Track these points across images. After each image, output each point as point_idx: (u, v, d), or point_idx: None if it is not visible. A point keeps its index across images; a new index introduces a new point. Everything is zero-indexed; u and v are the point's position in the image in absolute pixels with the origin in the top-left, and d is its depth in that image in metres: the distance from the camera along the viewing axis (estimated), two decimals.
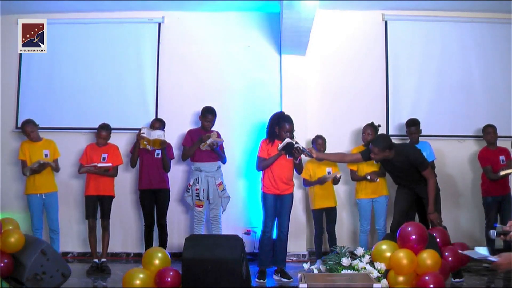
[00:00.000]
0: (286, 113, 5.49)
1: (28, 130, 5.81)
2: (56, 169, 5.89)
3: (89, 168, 5.76)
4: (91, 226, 5.83)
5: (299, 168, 5.50)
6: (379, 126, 5.96)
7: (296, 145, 5.18)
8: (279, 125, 5.31)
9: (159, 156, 5.95)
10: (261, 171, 5.44)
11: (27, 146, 5.85)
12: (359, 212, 5.98)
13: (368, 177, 5.74)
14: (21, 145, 5.93)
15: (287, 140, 5.17)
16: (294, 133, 5.43)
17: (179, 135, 6.37)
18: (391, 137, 6.50)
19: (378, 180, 5.77)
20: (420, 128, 6.03)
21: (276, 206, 5.35)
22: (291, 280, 5.22)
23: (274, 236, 5.45)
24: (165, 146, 5.89)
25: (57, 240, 5.81)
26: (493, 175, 5.81)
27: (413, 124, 6.02)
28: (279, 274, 5.32)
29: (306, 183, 5.94)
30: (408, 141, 6.12)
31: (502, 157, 5.94)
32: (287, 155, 5.28)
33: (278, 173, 5.31)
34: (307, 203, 6.39)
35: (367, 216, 5.87)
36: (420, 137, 6.05)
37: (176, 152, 6.25)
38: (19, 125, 6.56)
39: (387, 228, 5.85)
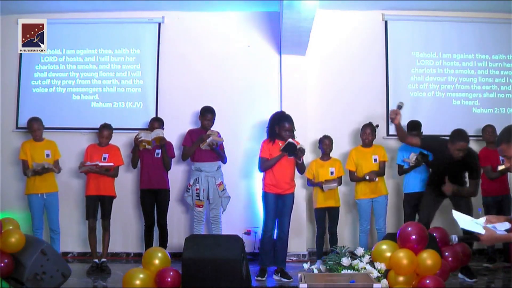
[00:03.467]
0: (287, 112, 5.52)
1: (35, 126, 5.83)
2: (57, 171, 5.89)
3: (90, 167, 5.76)
4: (91, 227, 5.82)
5: (301, 168, 5.51)
6: (377, 126, 5.98)
7: (299, 146, 5.20)
8: (279, 124, 5.35)
9: (159, 156, 5.95)
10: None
11: (29, 146, 5.85)
12: (358, 212, 5.98)
13: (367, 177, 5.75)
14: (22, 145, 5.93)
15: (289, 140, 5.19)
16: (295, 133, 5.45)
17: (179, 135, 6.38)
18: (391, 137, 6.56)
19: (377, 179, 5.77)
20: (421, 131, 6.03)
21: (278, 206, 5.36)
22: (291, 280, 5.22)
23: (275, 236, 5.46)
24: (164, 143, 5.89)
25: (57, 240, 5.81)
26: (493, 174, 5.81)
27: (414, 128, 6.01)
28: (279, 274, 5.32)
29: (310, 183, 5.96)
30: None
31: (502, 157, 5.93)
32: (288, 155, 5.29)
33: (279, 173, 5.32)
34: (308, 203, 6.39)
35: (366, 216, 5.87)
36: None
37: (176, 152, 6.24)
38: (19, 125, 6.61)
39: (387, 228, 5.85)
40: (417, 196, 5.83)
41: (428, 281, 3.81)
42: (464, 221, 2.91)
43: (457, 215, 2.95)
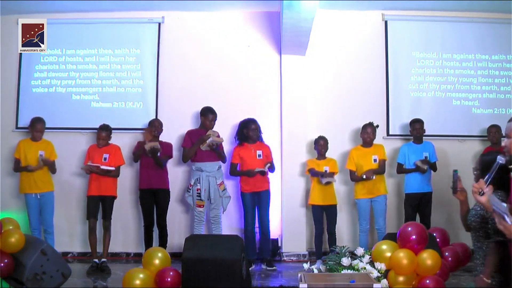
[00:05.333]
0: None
1: (38, 127, 5.85)
2: (52, 170, 5.88)
3: (92, 168, 5.76)
4: (91, 227, 5.81)
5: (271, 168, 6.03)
6: (377, 126, 5.99)
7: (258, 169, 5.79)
8: (247, 127, 5.90)
9: (159, 155, 5.94)
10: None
11: (24, 145, 5.87)
12: (358, 212, 5.98)
13: (364, 176, 5.75)
14: (18, 143, 5.94)
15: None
16: (262, 136, 6.01)
17: (179, 136, 6.37)
18: (391, 137, 6.56)
19: (374, 177, 5.77)
20: (424, 128, 6.05)
21: (255, 202, 5.84)
22: (274, 268, 5.74)
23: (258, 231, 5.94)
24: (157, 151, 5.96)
25: (50, 240, 5.76)
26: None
27: (417, 121, 6.07)
28: (265, 263, 5.77)
29: (312, 172, 5.94)
30: (411, 141, 6.13)
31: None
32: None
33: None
34: (307, 202, 6.37)
35: (366, 216, 5.87)
36: (423, 138, 6.07)
37: (176, 153, 6.25)
38: (19, 125, 6.60)
39: (388, 228, 5.84)
40: (417, 197, 5.84)
41: (428, 281, 3.81)
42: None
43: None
